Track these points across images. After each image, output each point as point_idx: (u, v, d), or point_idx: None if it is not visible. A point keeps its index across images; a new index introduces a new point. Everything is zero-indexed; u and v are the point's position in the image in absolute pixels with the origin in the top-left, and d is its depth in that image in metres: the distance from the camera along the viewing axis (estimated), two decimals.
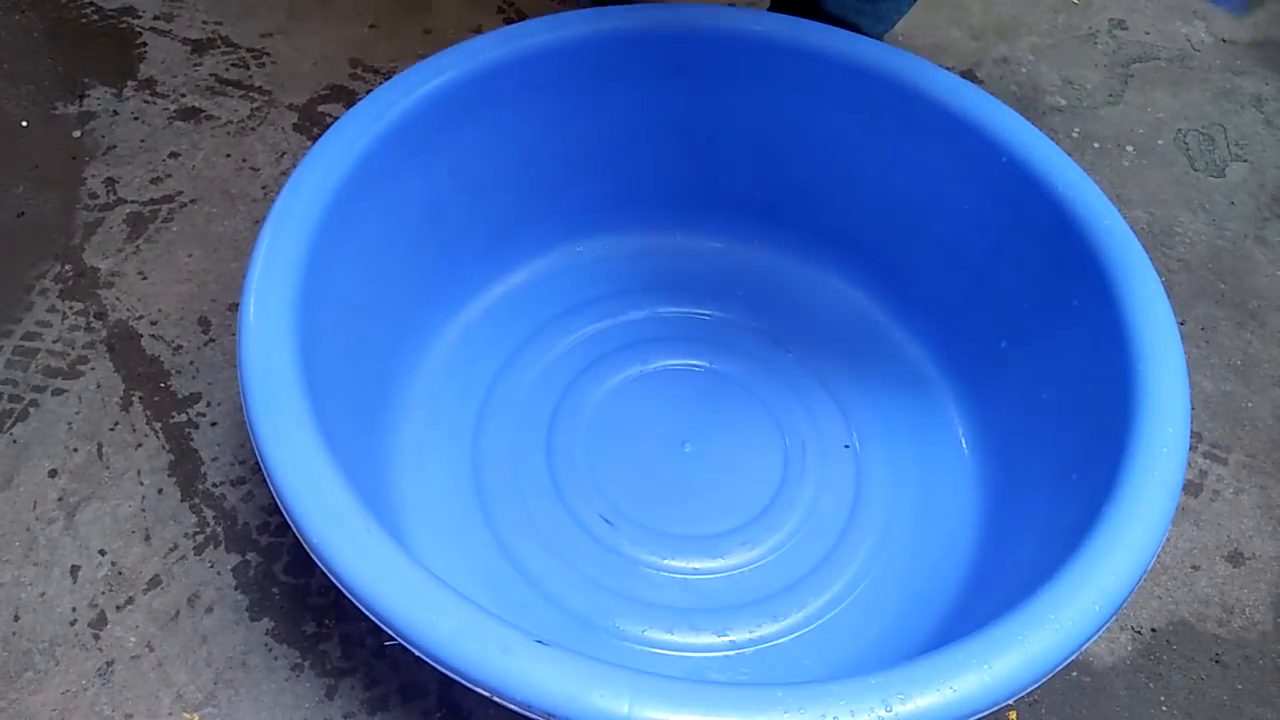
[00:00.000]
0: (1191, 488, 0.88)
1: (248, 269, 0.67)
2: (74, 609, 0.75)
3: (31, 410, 0.85)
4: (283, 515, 0.58)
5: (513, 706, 0.52)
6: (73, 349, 0.89)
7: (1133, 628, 0.80)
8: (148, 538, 0.79)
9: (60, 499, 0.80)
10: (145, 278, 0.94)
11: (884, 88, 0.84)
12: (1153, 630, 0.80)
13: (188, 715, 0.71)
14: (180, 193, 0.92)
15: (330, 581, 0.56)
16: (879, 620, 0.74)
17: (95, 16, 1.17)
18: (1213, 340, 0.99)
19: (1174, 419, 0.64)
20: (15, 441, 0.83)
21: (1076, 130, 1.17)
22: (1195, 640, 0.80)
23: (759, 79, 0.87)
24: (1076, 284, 0.75)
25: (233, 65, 1.13)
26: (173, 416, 0.85)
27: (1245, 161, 1.16)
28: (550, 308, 0.91)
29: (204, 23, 1.17)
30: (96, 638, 0.74)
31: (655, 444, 0.82)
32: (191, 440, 0.84)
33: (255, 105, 1.09)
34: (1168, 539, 0.82)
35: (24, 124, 1.06)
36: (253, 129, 1.07)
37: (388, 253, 0.78)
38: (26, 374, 0.87)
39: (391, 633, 0.54)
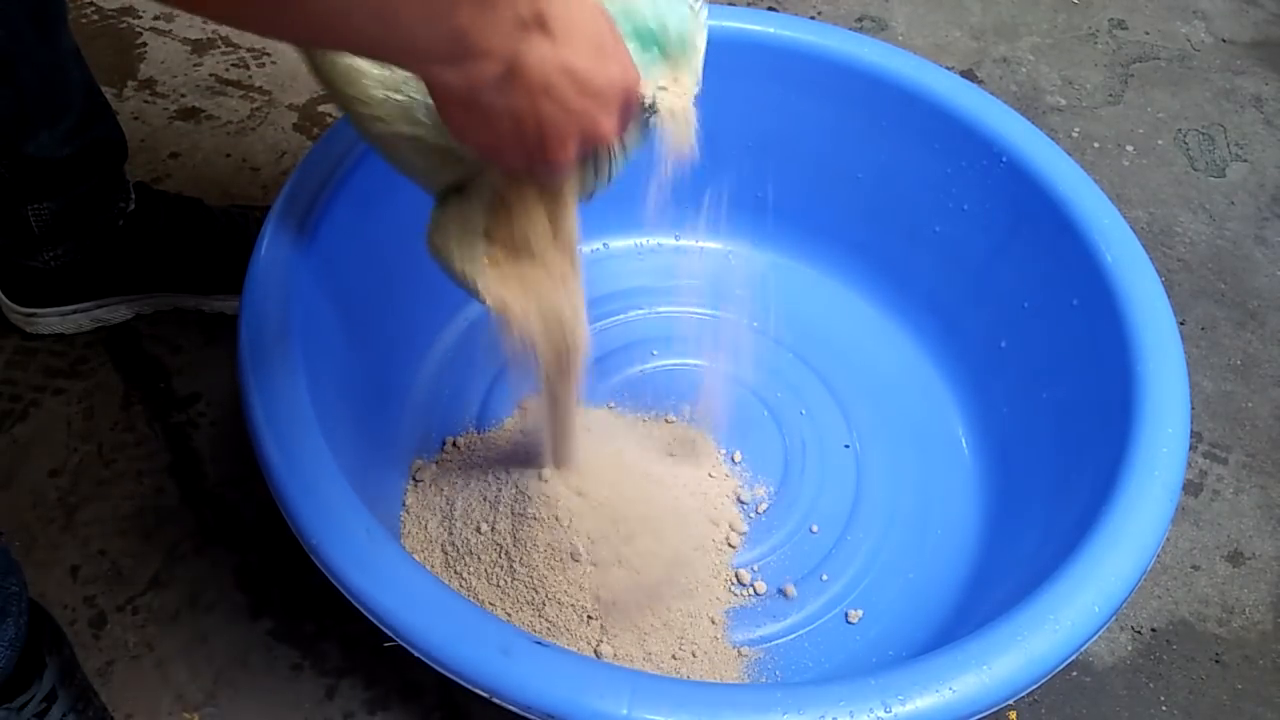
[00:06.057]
0: (1191, 488, 0.88)
1: (248, 269, 0.67)
2: (74, 609, 0.75)
3: (31, 410, 0.85)
4: (282, 515, 0.58)
5: (512, 707, 0.52)
6: (73, 349, 0.88)
7: (1133, 628, 0.80)
8: (148, 538, 0.79)
9: (60, 499, 0.80)
10: None
11: (884, 88, 0.84)
12: (1153, 630, 0.80)
13: (188, 715, 0.71)
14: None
15: (330, 581, 0.56)
16: (879, 620, 0.74)
17: (95, 16, 1.17)
18: (1213, 340, 0.99)
19: (1174, 419, 0.64)
20: (15, 441, 0.83)
21: (1076, 130, 1.17)
22: (1195, 640, 0.79)
23: (759, 78, 0.87)
24: (1076, 284, 0.75)
25: (233, 65, 1.13)
26: (173, 416, 0.85)
27: (1245, 161, 1.16)
28: None
29: (204, 23, 1.17)
30: (96, 638, 0.74)
31: None
32: (191, 440, 0.84)
33: (255, 105, 1.09)
34: (1168, 539, 0.82)
35: None
36: (253, 129, 1.07)
37: (388, 252, 0.78)
38: (27, 374, 0.87)
39: (390, 634, 0.54)
